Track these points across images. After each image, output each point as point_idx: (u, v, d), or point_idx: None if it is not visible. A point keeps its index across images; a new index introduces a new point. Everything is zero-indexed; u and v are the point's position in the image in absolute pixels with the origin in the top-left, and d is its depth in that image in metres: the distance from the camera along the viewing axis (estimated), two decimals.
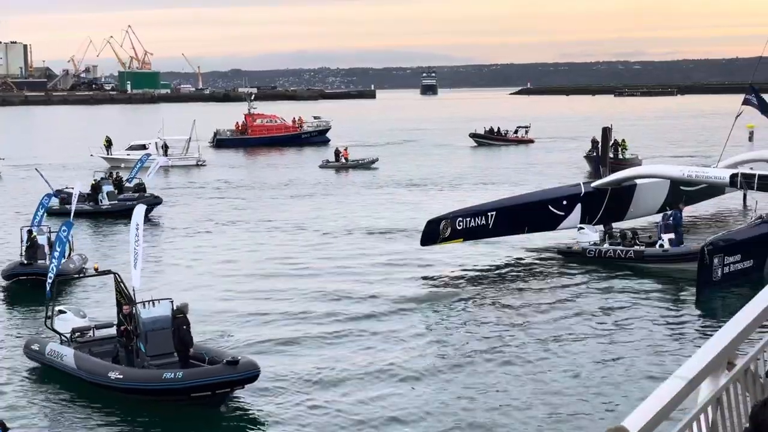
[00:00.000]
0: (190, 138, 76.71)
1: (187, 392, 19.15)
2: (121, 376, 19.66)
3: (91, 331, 22.25)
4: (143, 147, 76.11)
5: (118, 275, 21.67)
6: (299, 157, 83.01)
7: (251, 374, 19.12)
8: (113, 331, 21.68)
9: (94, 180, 49.06)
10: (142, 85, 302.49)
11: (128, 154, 74.93)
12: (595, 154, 64.45)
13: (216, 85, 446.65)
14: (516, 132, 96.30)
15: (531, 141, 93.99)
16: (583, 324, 25.21)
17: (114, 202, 47.01)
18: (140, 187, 49.80)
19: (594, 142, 66.17)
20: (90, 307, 25.91)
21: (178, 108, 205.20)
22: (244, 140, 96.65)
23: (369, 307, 27.24)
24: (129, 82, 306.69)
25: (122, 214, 44.08)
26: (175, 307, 20.56)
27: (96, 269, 23.76)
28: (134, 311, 20.48)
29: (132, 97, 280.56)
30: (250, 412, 19.17)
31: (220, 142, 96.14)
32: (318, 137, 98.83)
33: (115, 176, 51.95)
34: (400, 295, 28.78)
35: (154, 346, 20.28)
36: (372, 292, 29.02)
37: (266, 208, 49.62)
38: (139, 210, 22.49)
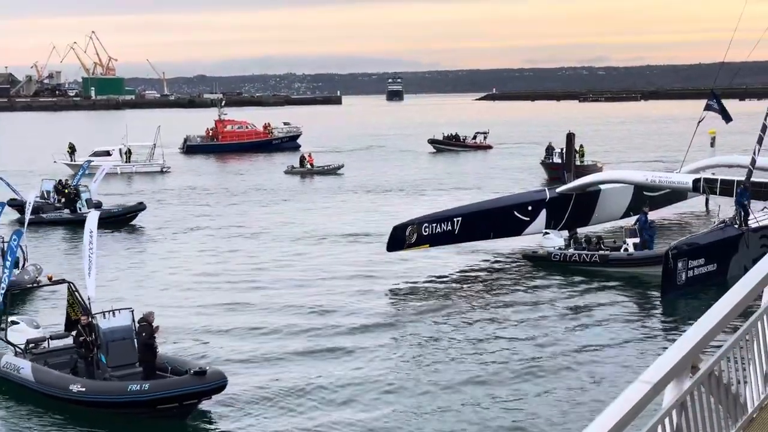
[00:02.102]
0: (154, 144, 76.25)
1: (153, 404, 18.65)
2: (84, 389, 19.08)
3: (46, 342, 21.63)
4: (107, 153, 75.71)
5: (73, 284, 21.37)
6: (268, 163, 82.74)
7: (219, 384, 18.72)
8: (68, 341, 21.16)
9: (73, 187, 47.98)
10: (106, 91, 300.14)
11: (92, 161, 74.34)
12: (550, 160, 64.75)
13: (181, 91, 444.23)
14: (474, 138, 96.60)
15: (489, 147, 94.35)
16: (548, 329, 25.25)
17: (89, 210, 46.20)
18: (75, 195, 49.36)
19: (549, 148, 66.40)
20: (44, 317, 25.18)
21: (142, 114, 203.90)
22: (215, 146, 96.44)
23: (335, 315, 27.07)
24: (93, 88, 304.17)
25: (105, 222, 43.81)
26: (139, 316, 20.24)
27: (50, 279, 23.41)
28: (93, 321, 19.99)
29: (96, 103, 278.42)
30: (216, 424, 18.88)
31: (190, 149, 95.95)
32: (289, 143, 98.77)
33: (64, 183, 51.10)
34: (366, 302, 28.70)
35: (116, 357, 19.79)
36: (338, 300, 28.90)
37: (229, 215, 49.33)
38: (92, 218, 22.34)
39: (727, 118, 38.40)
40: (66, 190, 48.70)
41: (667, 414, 6.57)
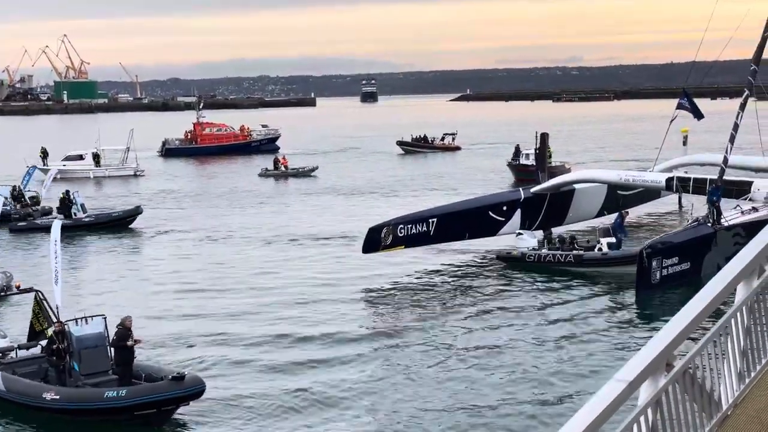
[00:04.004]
0: (128, 148, 75.86)
1: (131, 410, 18.44)
2: (58, 397, 18.79)
3: (14, 352, 21.26)
4: (80, 157, 75.38)
5: (41, 293, 21.20)
6: (247, 166, 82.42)
7: (197, 390, 18.57)
8: (37, 350, 20.83)
9: (62, 193, 47.32)
10: (78, 95, 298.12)
11: (64, 165, 74.01)
12: (518, 162, 64.71)
13: (154, 94, 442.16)
14: (443, 139, 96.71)
15: (458, 148, 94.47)
16: (524, 329, 25.33)
17: (88, 214, 45.91)
18: (35, 201, 49.06)
19: (517, 150, 66.38)
20: (12, 327, 24.77)
21: (116, 118, 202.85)
22: (194, 149, 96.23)
23: (311, 319, 26.96)
24: (65, 92, 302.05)
25: (105, 226, 44.04)
26: (112, 322, 20.01)
27: (18, 287, 23.18)
28: (66, 329, 19.70)
29: (69, 107, 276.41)
30: (193, 430, 18.74)
31: (168, 152, 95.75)
32: (267, 145, 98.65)
33: (18, 189, 50.61)
34: (341, 305, 28.67)
35: (89, 365, 19.51)
36: (314, 303, 28.83)
37: (201, 218, 49.09)
38: (56, 227, 22.28)
39: (699, 115, 38.60)
40: (19, 196, 48.53)
41: (643, 412, 6.59)
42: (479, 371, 21.63)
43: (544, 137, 60.08)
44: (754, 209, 32.61)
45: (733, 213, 32.45)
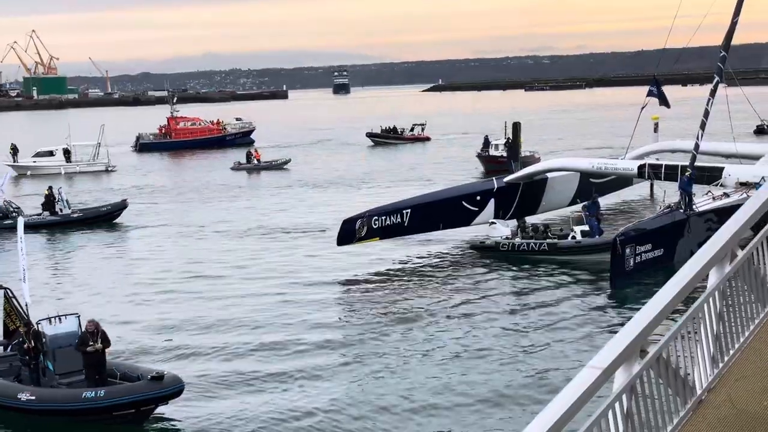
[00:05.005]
0: (98, 143, 75.32)
1: (109, 411, 18.20)
2: (34, 398, 18.51)
3: None
4: (50, 153, 74.82)
5: (9, 290, 21.01)
6: (221, 159, 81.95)
7: (176, 389, 18.38)
8: (8, 350, 20.59)
9: (46, 190, 46.76)
10: (48, 91, 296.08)
11: (35, 161, 73.48)
12: (487, 153, 64.62)
13: (125, 89, 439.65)
14: (412, 130, 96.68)
15: (427, 139, 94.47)
16: (498, 318, 25.39)
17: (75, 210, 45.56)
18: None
19: (486, 141, 66.31)
20: None
21: (86, 113, 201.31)
22: (168, 144, 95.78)
23: (287, 314, 26.83)
24: (35, 87, 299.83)
25: (94, 222, 44.05)
26: (85, 321, 19.76)
27: None
28: (38, 328, 19.37)
29: (38, 103, 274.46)
30: (172, 430, 18.62)
31: (143, 147, 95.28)
32: (242, 138, 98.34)
33: None
34: (317, 297, 28.64)
35: (63, 364, 19.22)
36: (289, 296, 28.76)
37: (172, 213, 48.85)
38: (20, 224, 22.16)
39: (666, 104, 38.83)
40: None
41: (618, 398, 6.62)
42: (454, 362, 21.66)
43: (517, 127, 60.14)
44: (726, 195, 32.83)
45: (704, 199, 32.67)
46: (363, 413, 18.69)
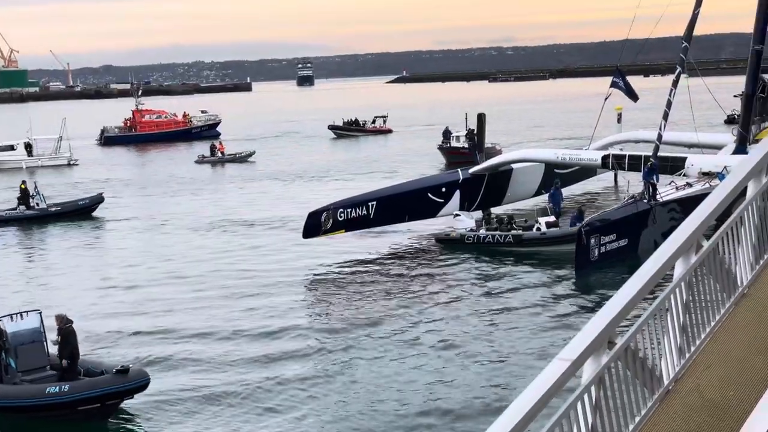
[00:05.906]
0: (60, 137, 74.66)
1: (74, 405, 18.04)
2: None
3: None
4: (11, 148, 74.05)
5: None
6: (187, 152, 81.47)
7: (142, 383, 18.25)
8: None
9: (22, 184, 46.06)
10: (9, 84, 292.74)
11: None
12: (448, 144, 64.46)
13: (87, 82, 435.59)
14: (374, 122, 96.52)
15: (389, 131, 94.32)
16: (464, 311, 25.39)
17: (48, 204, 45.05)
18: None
19: (446, 132, 66.06)
20: None
21: (48, 106, 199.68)
22: (133, 137, 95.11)
23: (253, 308, 26.64)
24: None
25: (74, 215, 43.99)
26: (47, 318, 19.54)
27: None
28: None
29: None
30: (137, 424, 18.46)
31: (108, 140, 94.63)
32: (208, 131, 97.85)
33: None
34: (282, 291, 28.54)
35: (26, 361, 18.98)
36: (255, 290, 28.61)
37: (134, 207, 48.49)
38: None
39: (634, 97, 39.05)
40: None
41: (586, 390, 6.64)
42: (420, 356, 21.62)
43: (481, 118, 60.28)
44: (689, 185, 33.08)
45: (667, 189, 32.89)
46: (328, 410, 18.65)
